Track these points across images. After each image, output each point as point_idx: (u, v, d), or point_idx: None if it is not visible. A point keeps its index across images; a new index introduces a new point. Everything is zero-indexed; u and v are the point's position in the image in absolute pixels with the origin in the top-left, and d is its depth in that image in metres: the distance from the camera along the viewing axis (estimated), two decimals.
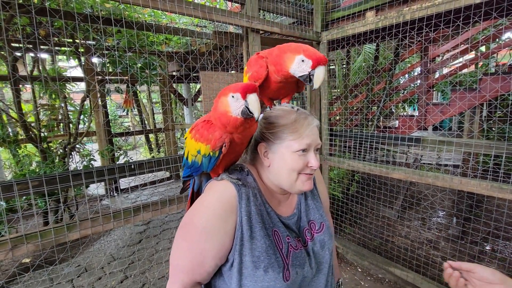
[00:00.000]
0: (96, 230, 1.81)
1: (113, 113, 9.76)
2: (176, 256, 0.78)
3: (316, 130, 0.81)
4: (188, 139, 0.82)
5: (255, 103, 0.67)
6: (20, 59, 3.39)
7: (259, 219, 0.77)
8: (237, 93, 0.67)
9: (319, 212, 0.91)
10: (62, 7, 2.58)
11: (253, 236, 0.75)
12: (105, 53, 3.08)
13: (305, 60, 0.71)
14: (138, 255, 3.20)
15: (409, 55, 4.53)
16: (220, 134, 0.73)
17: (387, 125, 5.60)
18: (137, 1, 1.79)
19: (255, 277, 0.73)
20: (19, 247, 1.60)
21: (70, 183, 1.73)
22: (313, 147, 0.80)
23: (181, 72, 5.26)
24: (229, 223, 0.75)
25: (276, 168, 0.81)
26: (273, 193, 0.87)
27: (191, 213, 0.78)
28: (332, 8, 2.84)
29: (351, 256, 2.99)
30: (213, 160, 0.76)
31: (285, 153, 0.78)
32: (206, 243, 0.73)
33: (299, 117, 0.80)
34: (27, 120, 3.41)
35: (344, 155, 3.30)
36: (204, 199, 0.79)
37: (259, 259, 0.73)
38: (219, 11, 2.13)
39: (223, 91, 0.71)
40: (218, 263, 0.76)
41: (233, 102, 0.68)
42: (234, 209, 0.76)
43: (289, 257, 0.77)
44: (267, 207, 0.81)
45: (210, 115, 0.79)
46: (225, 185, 0.79)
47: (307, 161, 0.79)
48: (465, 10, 1.95)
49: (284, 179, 0.80)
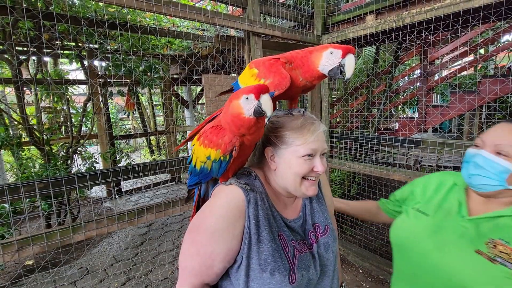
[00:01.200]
0: (100, 231, 1.82)
1: (115, 115, 9.80)
2: (185, 259, 0.79)
3: (322, 135, 0.82)
4: (196, 146, 0.83)
5: (268, 102, 0.70)
6: (24, 63, 3.42)
7: (266, 223, 0.78)
8: (251, 94, 0.69)
9: (324, 215, 0.92)
10: (68, 12, 2.61)
11: (260, 240, 0.76)
12: (109, 56, 3.11)
13: (334, 51, 0.71)
14: (140, 257, 3.21)
15: (408, 57, 4.57)
16: (230, 138, 0.74)
17: (387, 127, 5.62)
18: (141, 6, 1.82)
19: (261, 280, 0.74)
20: (25, 249, 1.62)
21: (75, 185, 1.75)
22: (319, 152, 0.80)
23: (183, 75, 5.30)
24: (237, 227, 0.76)
25: (282, 172, 0.82)
26: (279, 196, 0.88)
27: (200, 217, 0.79)
28: (333, 12, 2.88)
29: (353, 257, 3.00)
30: (224, 165, 0.77)
31: (291, 157, 0.79)
32: (215, 246, 0.74)
33: (306, 122, 0.81)
34: (30, 123, 3.44)
35: (345, 157, 3.32)
36: (213, 204, 0.80)
37: (266, 262, 0.75)
38: (221, 15, 2.16)
39: (234, 95, 0.73)
40: (226, 266, 0.78)
41: (246, 103, 0.70)
42: (242, 214, 0.77)
43: (295, 260, 0.78)
44: (273, 211, 0.82)
45: (218, 120, 0.80)
46: (233, 190, 0.79)
47: (313, 165, 0.79)
48: (463, 14, 1.98)
49: (289, 183, 0.81)
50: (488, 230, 0.84)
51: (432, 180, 1.08)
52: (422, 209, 1.00)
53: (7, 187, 1.57)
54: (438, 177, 1.08)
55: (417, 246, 0.94)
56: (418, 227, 0.96)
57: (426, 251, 0.90)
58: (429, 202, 1.01)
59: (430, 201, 1.01)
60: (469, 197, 0.94)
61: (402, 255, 1.03)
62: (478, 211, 0.89)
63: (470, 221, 0.88)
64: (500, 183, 0.80)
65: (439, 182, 1.05)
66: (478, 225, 0.86)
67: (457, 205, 0.93)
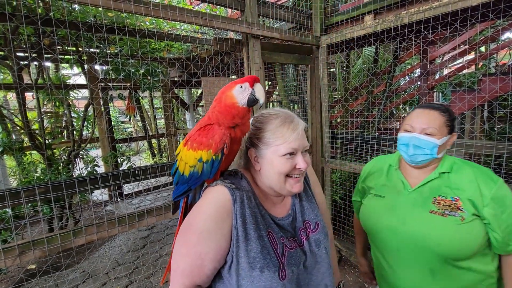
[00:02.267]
0: (101, 235, 1.83)
1: (116, 119, 9.84)
2: (176, 260, 0.80)
3: (302, 133, 0.83)
4: (183, 152, 0.84)
5: (261, 90, 0.74)
6: (25, 68, 3.45)
7: (253, 221, 0.80)
8: (245, 83, 0.73)
9: (314, 212, 0.94)
10: (67, 17, 2.63)
11: (248, 238, 0.78)
12: (108, 61, 3.13)
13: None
14: (142, 260, 3.21)
15: (408, 57, 4.56)
16: (220, 136, 0.76)
17: (388, 127, 5.60)
18: (139, 11, 1.83)
19: (252, 278, 0.75)
20: (27, 253, 1.63)
21: (76, 190, 1.76)
22: (300, 150, 0.82)
23: (182, 78, 5.31)
24: (225, 226, 0.77)
25: (266, 172, 0.84)
26: (267, 195, 0.90)
27: (189, 219, 0.81)
28: (331, 13, 2.88)
29: (355, 258, 2.99)
30: (216, 164, 0.79)
31: (272, 157, 0.81)
32: (203, 246, 0.76)
33: (285, 122, 0.82)
34: (32, 128, 3.46)
35: (345, 158, 3.31)
36: (201, 205, 0.81)
37: (255, 260, 0.76)
38: (219, 18, 2.17)
39: (227, 87, 0.76)
40: (216, 266, 0.79)
41: (240, 92, 0.74)
42: (229, 212, 0.78)
43: (284, 257, 0.80)
44: (261, 209, 0.84)
45: (204, 121, 0.82)
46: (219, 190, 0.81)
47: (295, 163, 0.81)
48: (462, 12, 1.98)
49: (274, 182, 0.84)
50: (428, 193, 1.07)
51: (371, 168, 1.30)
52: (378, 193, 1.20)
53: (8, 192, 1.58)
54: (373, 165, 1.31)
55: (383, 223, 1.12)
56: (380, 208, 1.16)
57: (393, 227, 1.09)
58: (379, 186, 1.21)
59: (379, 185, 1.22)
60: (405, 173, 1.16)
61: (374, 236, 1.19)
62: (416, 183, 1.12)
63: (414, 191, 1.10)
64: (431, 155, 1.04)
65: (378, 168, 1.27)
66: (421, 192, 1.08)
67: (400, 183, 1.15)
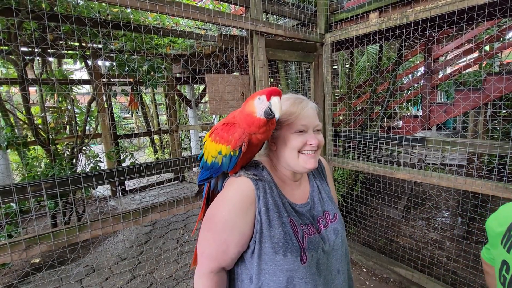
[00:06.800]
0: (106, 230, 1.85)
1: (118, 115, 9.86)
2: (202, 245, 0.86)
3: (312, 111, 0.89)
4: (208, 142, 0.90)
5: (277, 104, 0.76)
6: (29, 63, 3.45)
7: (276, 209, 0.85)
8: (263, 96, 0.77)
9: (333, 204, 1.00)
10: (72, 13, 2.63)
11: (271, 225, 0.83)
12: (113, 56, 3.13)
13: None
14: (145, 255, 3.24)
15: (412, 55, 4.53)
16: (239, 135, 0.81)
17: (391, 125, 5.59)
18: (144, 6, 1.83)
19: (275, 261, 0.81)
20: (33, 248, 1.65)
21: (81, 185, 1.77)
22: (311, 128, 0.88)
23: (186, 74, 5.31)
24: (249, 214, 0.83)
25: (281, 150, 0.90)
26: (286, 180, 0.95)
27: (214, 207, 0.86)
28: (336, 10, 2.87)
29: (356, 256, 3.00)
30: (234, 159, 0.84)
31: (285, 135, 0.87)
32: (228, 233, 0.81)
33: (295, 102, 0.88)
34: (35, 123, 3.47)
35: (348, 156, 3.31)
36: (226, 194, 0.87)
37: (278, 245, 0.81)
38: (224, 14, 2.16)
39: (251, 96, 0.81)
40: (240, 250, 0.85)
41: (259, 104, 0.77)
42: (253, 202, 0.83)
43: (304, 242, 0.85)
44: (282, 198, 0.89)
45: (230, 118, 0.87)
46: (243, 181, 0.86)
47: (306, 139, 0.86)
48: (468, 11, 1.96)
49: (288, 159, 0.88)
50: None
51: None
52: None
53: (14, 187, 1.59)
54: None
55: None
56: None
57: None
58: None
59: None
60: None
61: None
62: None
63: None
64: None
65: None
66: None
67: None
